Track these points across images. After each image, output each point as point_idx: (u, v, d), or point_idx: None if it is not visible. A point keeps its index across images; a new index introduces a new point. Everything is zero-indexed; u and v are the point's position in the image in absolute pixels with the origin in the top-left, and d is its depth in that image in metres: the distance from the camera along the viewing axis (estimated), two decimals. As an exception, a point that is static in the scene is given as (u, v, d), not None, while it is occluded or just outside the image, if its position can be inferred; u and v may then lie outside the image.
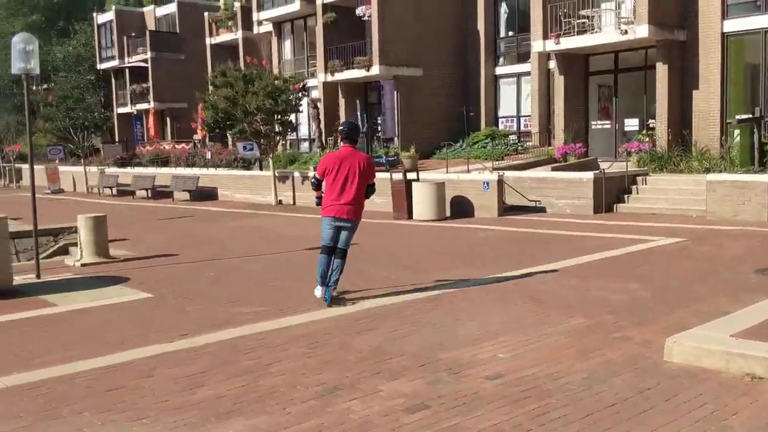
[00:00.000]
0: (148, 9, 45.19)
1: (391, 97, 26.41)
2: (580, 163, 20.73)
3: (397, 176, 17.72)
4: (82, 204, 27.27)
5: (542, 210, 17.32)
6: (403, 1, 26.47)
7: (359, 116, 28.74)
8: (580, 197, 16.77)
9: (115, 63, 43.79)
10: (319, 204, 8.83)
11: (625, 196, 17.21)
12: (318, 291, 8.63)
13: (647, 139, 19.15)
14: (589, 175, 16.75)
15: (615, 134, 22.28)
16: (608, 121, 22.55)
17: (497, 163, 21.25)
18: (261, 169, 26.57)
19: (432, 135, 26.95)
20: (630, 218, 15.73)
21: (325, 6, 27.85)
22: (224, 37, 36.54)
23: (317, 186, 8.78)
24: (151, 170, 30.25)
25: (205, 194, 25.77)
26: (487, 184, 16.95)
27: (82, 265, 12.48)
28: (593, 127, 22.73)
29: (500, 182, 16.95)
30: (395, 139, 26.65)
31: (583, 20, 21.38)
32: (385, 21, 25.96)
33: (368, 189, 8.73)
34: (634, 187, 17.47)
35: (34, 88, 43.82)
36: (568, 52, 21.99)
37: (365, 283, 9.73)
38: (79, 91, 32.30)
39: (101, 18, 44.80)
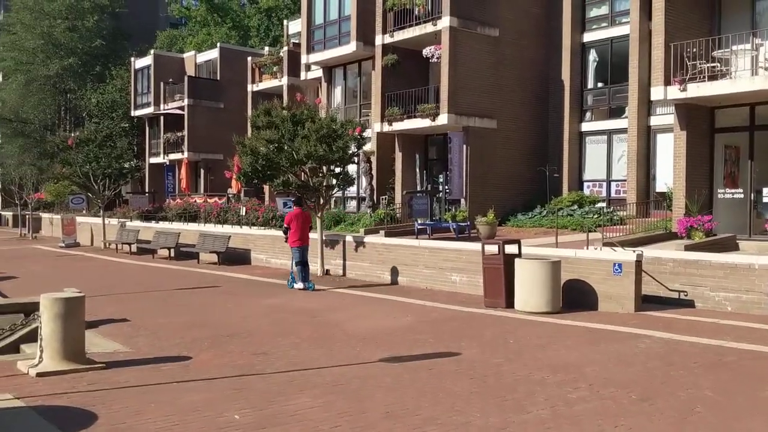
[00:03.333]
0: (188, 55, 41.70)
1: (460, 152, 21.84)
2: (714, 242, 15.81)
3: (491, 249, 12.92)
4: (91, 262, 22.81)
5: (689, 304, 12.37)
6: (477, 43, 22.17)
7: (418, 173, 24.22)
8: (748, 290, 11.80)
9: (150, 110, 40.11)
10: (286, 240, 15.99)
11: (809, 290, 12.18)
12: (300, 285, 15.24)
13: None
14: (764, 260, 11.80)
15: (749, 206, 17.35)
16: (739, 190, 17.65)
17: (608, 237, 16.34)
18: (303, 230, 21.98)
19: (505, 197, 22.28)
20: (837, 326, 10.70)
21: (385, 47, 23.63)
22: (267, 84, 32.59)
23: (286, 231, 15.78)
24: (176, 226, 25.83)
25: (236, 257, 21.20)
26: (620, 266, 12.08)
27: (38, 374, 7.80)
28: (719, 196, 17.83)
29: (639, 264, 12.07)
30: (462, 200, 21.97)
31: (715, 64, 16.77)
32: (457, 64, 21.61)
33: (309, 228, 16.11)
34: (817, 278, 12.45)
35: (65, 131, 40.31)
36: (691, 103, 17.32)
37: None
38: (103, 136, 28.20)
39: (139, 63, 41.35)
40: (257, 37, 49.79)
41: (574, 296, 12.57)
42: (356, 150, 16.96)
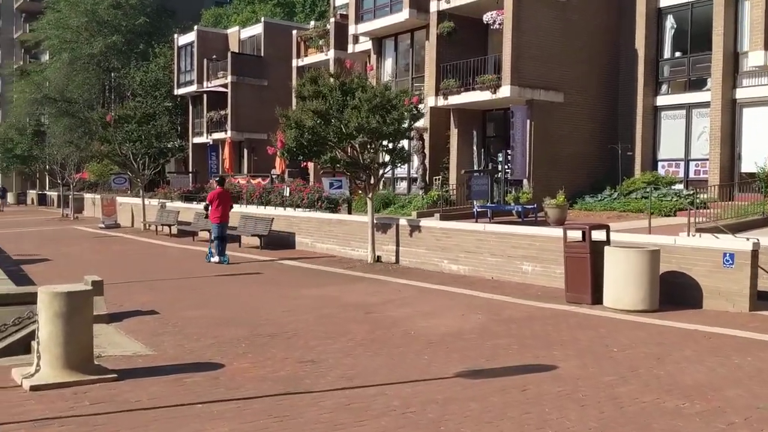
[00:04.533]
0: (232, 30, 40.22)
1: (523, 128, 19.85)
2: (825, 228, 13.60)
3: (575, 236, 11.01)
4: (128, 244, 21.50)
5: (812, 303, 10.29)
6: (543, 7, 20.07)
7: (475, 151, 22.28)
8: None
9: (193, 88, 38.80)
10: (207, 216, 17.22)
11: None
12: (216, 258, 15.99)
13: None
14: None
15: None
16: None
17: (701, 222, 14.23)
18: (350, 212, 20.29)
19: (570, 178, 20.20)
20: None
21: (441, 14, 21.68)
22: (313, 58, 30.89)
23: (207, 208, 16.75)
24: (218, 207, 24.37)
25: (280, 241, 19.63)
26: (731, 256, 10.06)
27: (32, 388, 6.24)
28: (825, 176, 15.58)
29: (755, 255, 10.03)
30: (524, 181, 20.00)
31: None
32: (521, 31, 19.55)
33: (230, 207, 16.91)
34: None
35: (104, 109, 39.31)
36: (795, 70, 15.05)
37: None
38: (143, 113, 26.76)
39: (182, 40, 40.02)
40: (302, 13, 48.10)
41: (672, 291, 10.58)
42: (412, 123, 15.12)
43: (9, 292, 9.63)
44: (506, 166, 20.98)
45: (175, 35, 40.50)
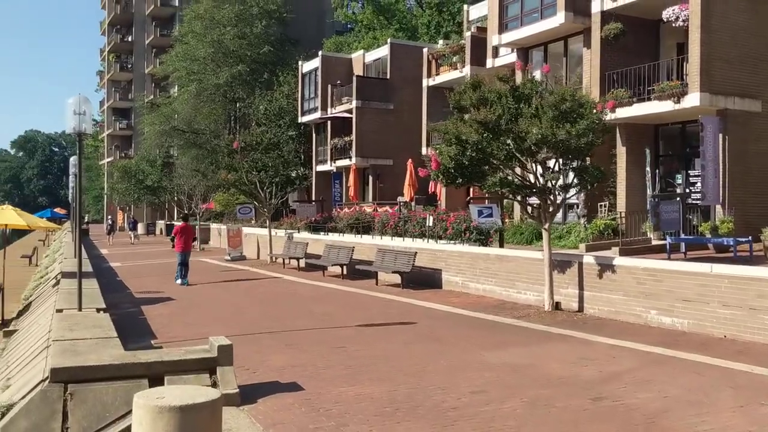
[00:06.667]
0: (356, 55, 38.21)
1: (714, 143, 16.05)
2: None
3: None
4: (255, 280, 19.17)
5: None
6: (734, 0, 16.33)
7: (649, 172, 18.54)
8: None
9: (317, 115, 36.98)
10: (173, 247, 20.70)
11: None
12: (179, 281, 17.97)
13: None
14: None
15: None
16: None
17: None
18: (501, 244, 17.08)
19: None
20: None
21: (605, 15, 18.29)
22: (445, 76, 28.06)
23: (173, 240, 21.31)
24: (348, 239, 21.79)
25: (423, 278, 16.72)
26: None
27: None
28: None
29: None
30: (718, 207, 16.14)
31: None
32: (711, 27, 15.88)
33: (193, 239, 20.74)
34: None
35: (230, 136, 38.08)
36: None
37: None
38: (268, 140, 24.86)
39: (306, 66, 38.42)
40: (427, 35, 45.70)
41: None
42: (602, 136, 11.84)
43: (112, 362, 7.05)
44: (688, 190, 17.25)
45: (300, 62, 38.99)
